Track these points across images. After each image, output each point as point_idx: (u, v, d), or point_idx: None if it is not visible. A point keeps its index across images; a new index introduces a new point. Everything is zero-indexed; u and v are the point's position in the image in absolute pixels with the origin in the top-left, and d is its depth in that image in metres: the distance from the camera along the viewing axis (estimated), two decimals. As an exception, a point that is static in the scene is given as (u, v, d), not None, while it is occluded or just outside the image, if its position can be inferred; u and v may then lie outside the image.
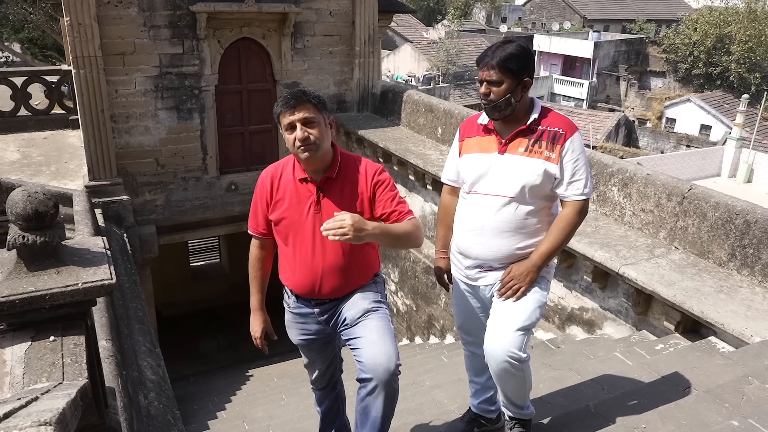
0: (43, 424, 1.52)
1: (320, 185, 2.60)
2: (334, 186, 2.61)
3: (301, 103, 2.49)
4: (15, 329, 2.26)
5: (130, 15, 7.86)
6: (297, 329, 2.88)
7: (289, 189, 2.64)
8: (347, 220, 2.29)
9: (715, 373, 3.30)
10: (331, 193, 2.60)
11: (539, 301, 2.64)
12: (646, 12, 47.43)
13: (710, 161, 24.47)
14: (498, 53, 2.50)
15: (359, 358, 2.53)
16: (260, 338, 2.96)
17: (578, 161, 2.55)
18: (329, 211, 2.58)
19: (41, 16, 20.04)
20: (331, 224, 2.30)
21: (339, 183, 2.61)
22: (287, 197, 2.64)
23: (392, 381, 2.49)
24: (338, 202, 2.59)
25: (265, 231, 2.76)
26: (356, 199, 2.62)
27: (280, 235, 2.72)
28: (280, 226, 2.68)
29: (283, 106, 2.51)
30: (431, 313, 8.06)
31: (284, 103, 2.51)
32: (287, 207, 2.64)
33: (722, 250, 4.50)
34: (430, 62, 34.07)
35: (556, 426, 3.04)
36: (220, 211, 9.13)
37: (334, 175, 2.60)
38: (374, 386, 2.48)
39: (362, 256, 2.72)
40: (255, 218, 2.77)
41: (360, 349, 2.54)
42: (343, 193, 2.61)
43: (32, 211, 2.13)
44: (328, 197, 2.60)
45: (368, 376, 2.48)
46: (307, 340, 2.89)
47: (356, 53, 9.40)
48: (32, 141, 9.75)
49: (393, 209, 2.60)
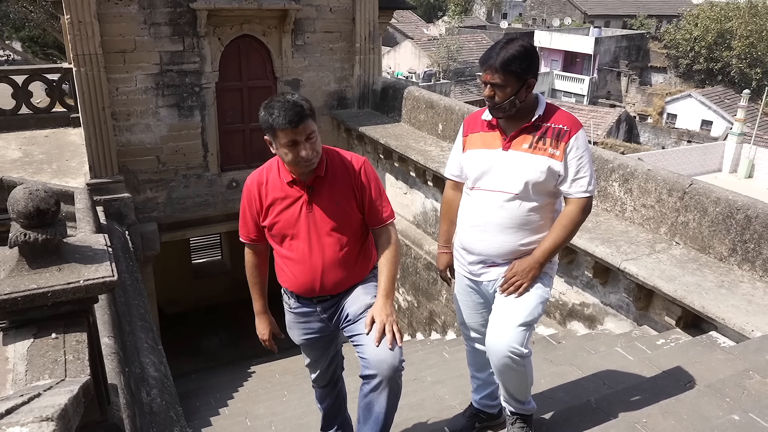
0: (45, 420, 1.52)
1: (310, 184, 2.59)
2: (323, 184, 2.60)
3: (304, 120, 2.41)
4: (17, 326, 2.26)
5: (131, 12, 7.86)
6: (299, 329, 2.88)
7: (279, 193, 2.62)
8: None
9: (716, 368, 3.30)
10: (322, 191, 2.60)
11: (541, 297, 2.64)
12: (646, 8, 47.38)
13: (711, 157, 24.45)
14: (501, 55, 2.46)
15: (363, 355, 2.53)
16: (269, 340, 3.00)
17: (582, 158, 2.54)
18: (322, 209, 2.60)
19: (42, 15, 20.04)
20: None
21: (328, 180, 2.61)
22: (278, 201, 2.62)
23: (396, 377, 2.50)
24: (329, 199, 2.60)
25: (256, 237, 2.76)
26: (346, 193, 2.62)
27: (275, 239, 2.70)
28: (274, 230, 2.66)
29: (285, 124, 2.40)
30: (432, 309, 8.06)
31: (284, 121, 2.39)
32: (279, 211, 2.62)
33: (723, 245, 4.50)
34: (431, 59, 34.05)
35: (557, 421, 3.04)
36: (222, 208, 9.14)
37: (323, 173, 2.59)
38: (378, 382, 2.48)
39: (360, 250, 2.72)
40: (245, 226, 2.75)
41: (363, 345, 2.54)
42: (333, 189, 2.61)
43: (34, 209, 2.13)
44: (319, 195, 2.60)
45: (372, 373, 2.48)
46: (311, 339, 2.89)
47: (357, 50, 9.39)
48: (33, 139, 9.76)
49: (378, 218, 2.68)
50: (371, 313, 2.57)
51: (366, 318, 2.57)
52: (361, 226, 2.70)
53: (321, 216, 2.60)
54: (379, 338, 2.48)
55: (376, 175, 2.71)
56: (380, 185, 2.71)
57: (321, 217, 2.60)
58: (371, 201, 2.65)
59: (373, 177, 2.68)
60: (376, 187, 2.67)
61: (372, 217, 2.67)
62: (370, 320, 2.55)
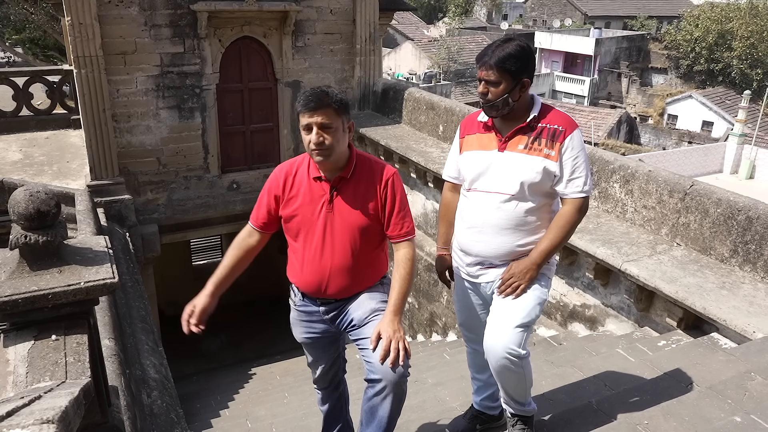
0: (45, 422, 1.52)
1: (334, 185, 2.59)
2: (348, 186, 2.60)
3: (322, 107, 2.46)
4: (18, 328, 2.26)
5: (131, 14, 7.86)
6: (302, 327, 2.88)
7: (303, 187, 2.63)
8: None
9: (718, 369, 3.30)
10: (345, 192, 2.60)
11: (539, 298, 2.64)
12: (647, 8, 47.37)
13: (712, 158, 24.40)
14: (497, 53, 2.48)
15: (368, 359, 2.52)
16: (190, 316, 2.70)
17: (578, 158, 2.54)
18: (342, 211, 2.59)
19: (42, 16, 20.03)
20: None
21: (353, 183, 2.60)
22: (300, 195, 2.63)
23: (401, 382, 2.49)
24: (351, 202, 2.59)
25: (259, 225, 2.73)
26: (369, 200, 2.61)
27: (290, 233, 2.70)
28: (292, 223, 2.66)
29: (303, 106, 2.47)
30: (433, 310, 8.06)
31: (305, 104, 2.47)
32: (300, 204, 2.63)
33: (724, 246, 4.50)
34: (431, 60, 34.04)
35: (558, 423, 3.04)
36: (222, 210, 9.14)
37: (349, 175, 2.59)
38: (383, 387, 2.48)
39: (372, 259, 2.71)
40: (258, 210, 2.74)
41: (369, 349, 2.52)
42: (357, 193, 2.60)
43: (34, 211, 2.13)
44: (342, 197, 2.60)
45: (377, 377, 2.48)
46: (312, 338, 2.88)
47: (357, 51, 9.39)
48: (34, 141, 9.77)
49: (396, 232, 2.63)
50: (377, 328, 2.51)
51: (372, 334, 2.51)
52: (378, 235, 2.68)
53: (339, 218, 2.60)
54: (383, 356, 2.42)
55: (403, 189, 2.69)
56: (405, 200, 2.68)
57: (339, 219, 2.60)
58: (392, 214, 2.62)
59: (400, 190, 2.66)
60: (401, 201, 2.64)
61: (391, 231, 2.65)
62: (375, 336, 2.48)
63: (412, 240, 2.68)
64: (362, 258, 2.66)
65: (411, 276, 2.64)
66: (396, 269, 2.64)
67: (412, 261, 2.63)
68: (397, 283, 2.60)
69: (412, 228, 2.69)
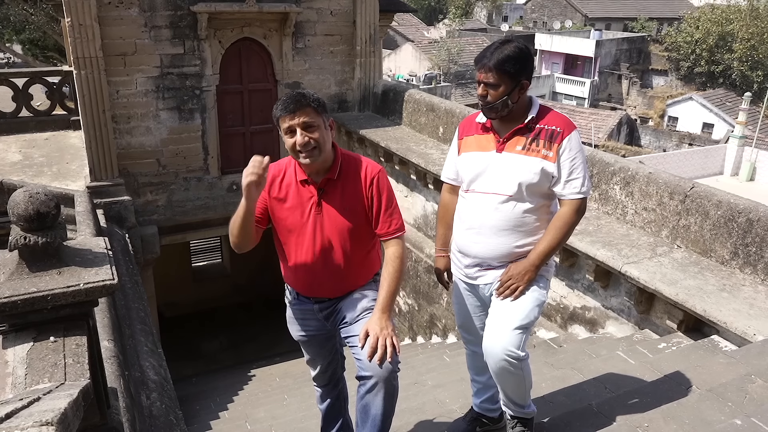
0: (44, 424, 1.51)
1: (321, 186, 2.60)
2: (335, 187, 2.61)
3: (301, 108, 2.46)
4: (17, 330, 2.26)
5: (131, 15, 7.86)
6: (297, 325, 2.90)
7: (291, 190, 2.63)
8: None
9: (718, 372, 3.29)
10: (332, 194, 2.61)
11: (538, 300, 2.64)
12: (647, 10, 47.38)
13: (712, 159, 24.43)
14: (495, 55, 2.48)
15: (358, 356, 2.53)
16: (259, 163, 2.44)
17: (575, 160, 2.54)
18: (330, 213, 2.60)
19: (42, 17, 20.06)
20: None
21: (340, 184, 2.61)
22: (289, 198, 2.64)
23: (391, 378, 2.49)
24: (339, 204, 2.60)
25: (255, 219, 2.66)
26: (357, 200, 2.62)
27: (281, 234, 2.72)
28: (281, 226, 2.68)
29: (282, 110, 2.48)
30: (433, 312, 8.05)
31: (284, 107, 2.48)
32: (289, 207, 2.64)
33: (725, 248, 4.49)
34: (432, 61, 34.08)
35: (558, 425, 3.03)
36: (222, 211, 9.11)
37: (335, 176, 2.60)
38: (374, 383, 2.49)
39: (363, 257, 2.73)
40: None
41: (359, 347, 2.54)
42: (345, 194, 2.61)
43: (34, 212, 2.13)
44: (329, 198, 2.61)
45: (367, 374, 2.49)
46: (307, 336, 2.91)
47: (357, 53, 9.39)
48: (34, 142, 9.76)
49: (385, 230, 2.63)
50: (365, 326, 2.52)
51: (360, 332, 2.53)
52: (368, 234, 2.69)
53: (328, 219, 2.60)
54: (371, 354, 2.44)
55: (390, 187, 2.69)
56: (393, 197, 2.68)
57: (328, 220, 2.61)
58: (380, 212, 2.63)
59: (386, 188, 2.66)
60: (388, 198, 2.65)
61: (380, 229, 2.66)
62: (363, 334, 2.50)
63: (402, 237, 2.68)
64: (353, 258, 2.67)
65: (400, 273, 2.65)
66: (385, 267, 2.65)
67: (402, 258, 2.64)
68: (386, 281, 2.61)
69: (401, 225, 2.69)
